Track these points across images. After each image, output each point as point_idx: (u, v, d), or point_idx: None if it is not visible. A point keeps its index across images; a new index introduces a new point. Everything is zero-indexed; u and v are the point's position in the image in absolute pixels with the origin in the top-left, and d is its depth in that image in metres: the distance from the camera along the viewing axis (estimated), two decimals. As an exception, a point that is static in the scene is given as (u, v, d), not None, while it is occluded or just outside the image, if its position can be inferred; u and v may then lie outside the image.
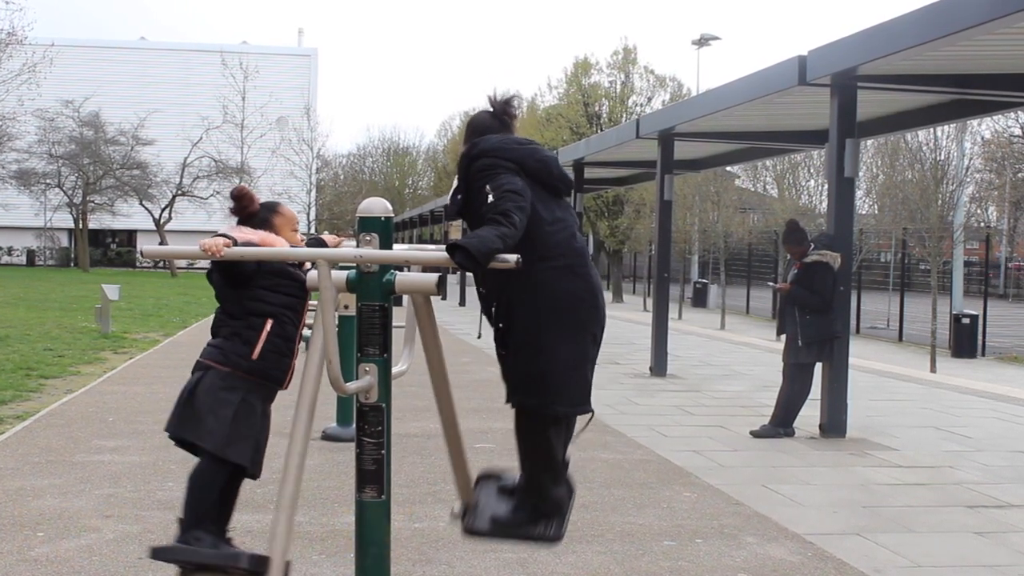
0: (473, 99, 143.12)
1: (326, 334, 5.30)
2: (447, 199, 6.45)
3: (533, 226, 5.89)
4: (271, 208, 6.84)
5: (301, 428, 5.52)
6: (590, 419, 6.22)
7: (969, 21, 11.28)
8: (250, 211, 6.74)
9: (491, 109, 6.49)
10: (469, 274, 6.04)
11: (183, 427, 6.20)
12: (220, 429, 6.13)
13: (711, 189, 45.24)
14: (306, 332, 6.61)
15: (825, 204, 21.14)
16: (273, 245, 6.31)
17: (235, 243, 5.78)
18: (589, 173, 28.91)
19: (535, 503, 6.20)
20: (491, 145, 6.17)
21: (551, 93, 75.53)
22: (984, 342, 34.32)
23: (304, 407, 5.53)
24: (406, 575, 7.39)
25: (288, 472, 5.52)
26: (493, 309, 6.02)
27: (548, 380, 5.91)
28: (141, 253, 5.84)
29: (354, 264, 5.51)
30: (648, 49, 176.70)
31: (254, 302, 6.33)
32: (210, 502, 6.26)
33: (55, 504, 9.01)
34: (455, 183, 6.24)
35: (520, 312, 5.92)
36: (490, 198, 5.74)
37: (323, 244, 6.89)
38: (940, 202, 30.40)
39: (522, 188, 5.89)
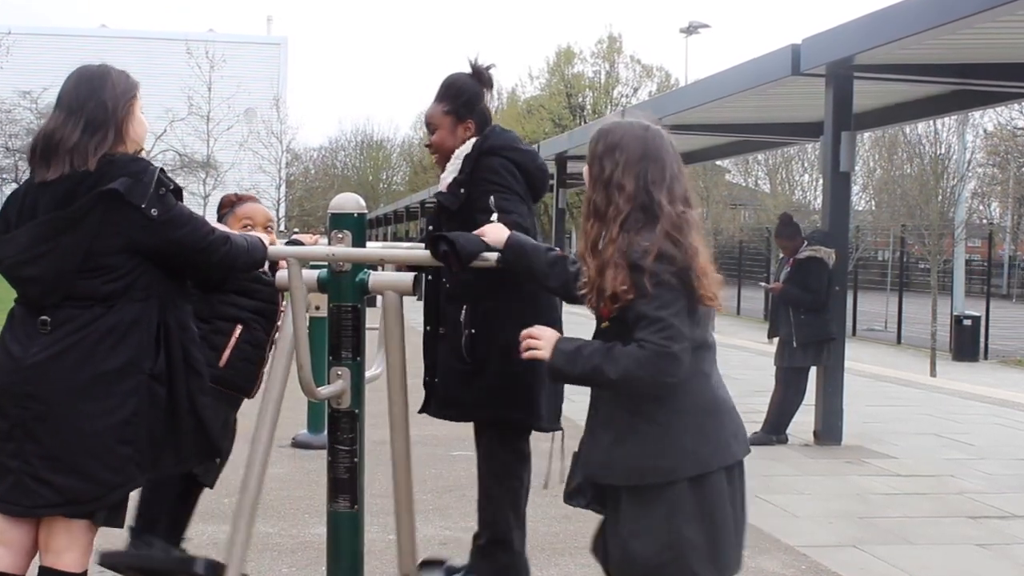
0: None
1: (297, 337, 5.28)
2: (437, 188, 6.39)
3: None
4: (222, 204, 6.81)
5: (264, 433, 5.50)
6: (563, 437, 6.21)
7: (971, 8, 11.31)
8: (221, 214, 6.74)
9: (471, 73, 6.56)
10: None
11: None
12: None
13: (700, 184, 45.30)
14: None
15: (820, 200, 21.13)
16: None
17: None
18: (572, 168, 28.91)
19: (496, 559, 6.16)
20: (503, 142, 6.23)
21: (532, 84, 75.74)
22: (986, 345, 34.41)
23: (268, 411, 5.51)
24: (380, 590, 7.38)
25: (249, 479, 5.50)
26: (464, 314, 5.96)
27: (534, 392, 5.89)
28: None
29: (325, 263, 5.50)
30: (634, 38, 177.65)
31: (224, 306, 6.28)
32: (164, 508, 6.24)
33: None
34: (454, 171, 6.20)
35: (508, 322, 5.81)
36: (493, 217, 5.68)
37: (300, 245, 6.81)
38: (940, 198, 30.51)
39: (527, 226, 5.96)
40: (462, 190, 6.08)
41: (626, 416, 4.55)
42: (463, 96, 6.46)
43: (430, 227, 6.36)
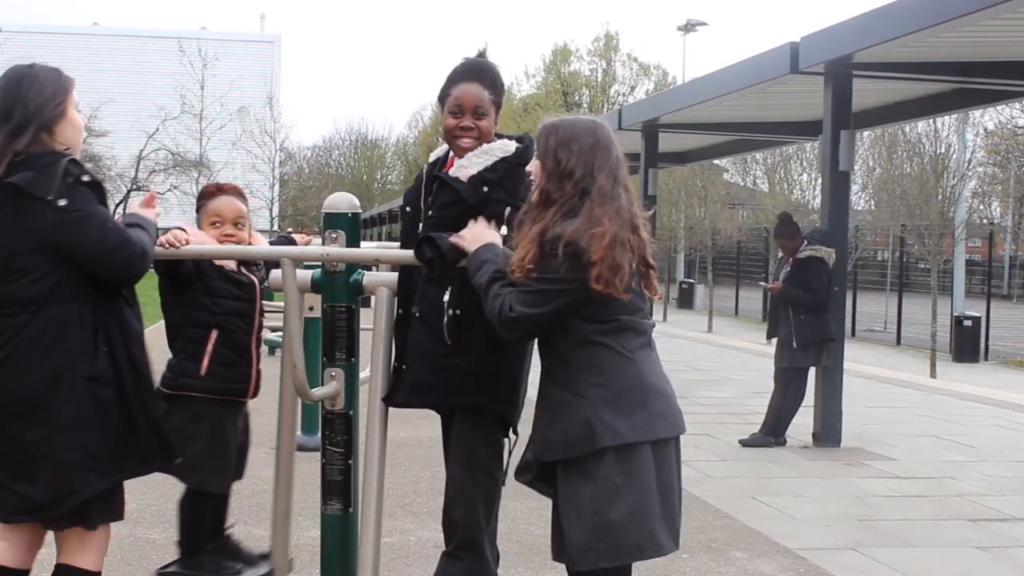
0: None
1: (291, 338, 5.29)
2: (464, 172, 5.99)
3: None
4: (201, 195, 6.75)
5: (287, 440, 5.55)
6: (515, 443, 6.04)
7: (971, 5, 11.32)
8: (198, 206, 6.70)
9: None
10: None
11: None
12: (196, 465, 6.08)
13: (698, 183, 45.27)
14: (276, 336, 6.54)
15: (819, 199, 21.15)
16: (202, 242, 6.17)
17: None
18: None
19: (466, 565, 5.99)
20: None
21: (528, 82, 75.74)
22: (987, 345, 34.37)
23: (287, 419, 5.56)
24: (375, 593, 7.37)
25: (280, 482, 5.55)
26: (448, 294, 5.72)
27: (515, 385, 5.77)
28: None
29: (319, 263, 5.50)
30: (631, 35, 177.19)
31: (195, 311, 6.20)
32: (204, 524, 6.32)
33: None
34: (481, 165, 5.95)
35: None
36: (503, 229, 5.53)
37: (292, 243, 6.75)
38: (940, 197, 30.44)
39: None
40: (486, 188, 5.74)
41: (561, 394, 4.98)
42: (503, 91, 6.24)
43: (407, 208, 6.11)
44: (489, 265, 5.06)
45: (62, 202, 4.87)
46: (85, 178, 5.00)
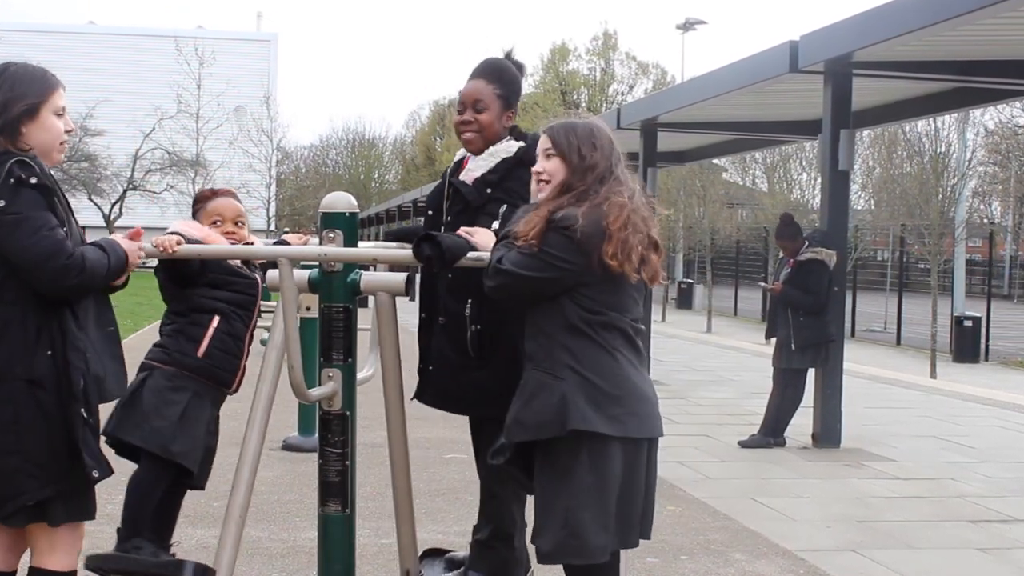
0: (444, 88, 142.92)
1: (288, 338, 5.28)
2: (461, 175, 6.12)
3: None
4: (197, 199, 6.82)
5: (255, 435, 5.51)
6: None
7: (972, 4, 11.32)
8: (195, 210, 6.75)
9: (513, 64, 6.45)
10: None
11: (123, 428, 6.02)
12: (166, 429, 6.04)
13: (697, 183, 45.18)
14: (266, 335, 6.55)
15: (818, 199, 21.12)
16: (213, 240, 6.27)
17: (186, 239, 5.81)
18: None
19: (497, 554, 6.14)
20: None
21: (526, 81, 75.39)
22: (987, 346, 34.33)
23: (259, 413, 5.52)
24: (372, 595, 7.37)
25: (239, 481, 5.52)
26: (469, 308, 5.85)
27: None
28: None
29: (317, 263, 5.50)
30: (630, 34, 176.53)
31: (201, 298, 6.28)
32: (150, 509, 6.19)
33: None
34: (484, 168, 6.08)
35: (514, 318, 5.70)
36: (494, 224, 5.62)
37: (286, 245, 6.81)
38: (940, 197, 30.39)
39: None
40: (488, 190, 5.97)
41: (539, 376, 5.16)
42: (514, 85, 6.30)
43: (429, 212, 6.27)
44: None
45: (0, 203, 4.84)
46: (33, 180, 4.91)
